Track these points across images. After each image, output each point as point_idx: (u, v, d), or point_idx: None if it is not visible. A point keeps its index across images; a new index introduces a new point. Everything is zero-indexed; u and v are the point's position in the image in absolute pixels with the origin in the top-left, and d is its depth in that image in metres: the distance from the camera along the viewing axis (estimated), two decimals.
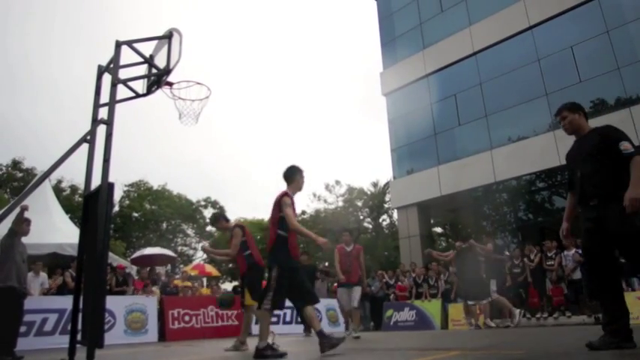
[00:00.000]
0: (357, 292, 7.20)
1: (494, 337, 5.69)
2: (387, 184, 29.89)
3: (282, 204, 4.10)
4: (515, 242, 13.84)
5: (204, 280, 17.05)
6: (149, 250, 15.02)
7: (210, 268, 17.99)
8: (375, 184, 34.04)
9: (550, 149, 12.89)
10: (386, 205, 32.61)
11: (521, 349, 3.81)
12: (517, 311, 8.26)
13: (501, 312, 9.26)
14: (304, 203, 36.05)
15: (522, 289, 9.88)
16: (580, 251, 9.31)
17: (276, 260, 4.03)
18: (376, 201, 33.12)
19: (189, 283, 11.64)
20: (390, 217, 32.38)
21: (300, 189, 4.36)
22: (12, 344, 5.36)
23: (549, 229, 13.08)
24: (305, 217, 35.57)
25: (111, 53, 4.09)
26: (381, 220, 33.86)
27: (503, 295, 8.64)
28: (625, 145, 3.11)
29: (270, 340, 4.25)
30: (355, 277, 7.22)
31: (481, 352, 3.79)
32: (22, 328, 6.26)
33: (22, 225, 5.49)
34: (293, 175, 4.31)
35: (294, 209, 4.17)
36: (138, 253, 15.00)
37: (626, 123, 11.64)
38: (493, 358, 2.91)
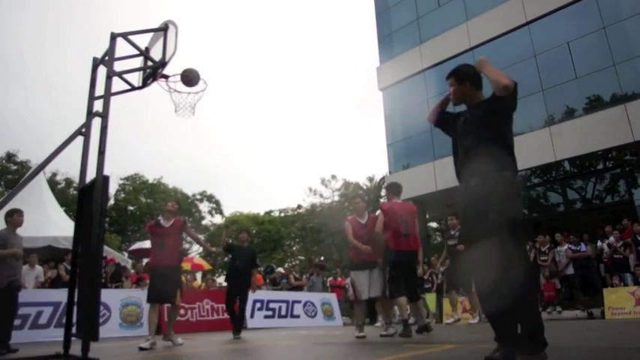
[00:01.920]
0: (377, 276, 5.59)
1: (487, 331, 5.72)
2: (382, 179, 29.95)
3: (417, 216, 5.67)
4: None
5: (198, 274, 16.99)
6: (149, 244, 14.95)
7: (201, 261, 17.90)
8: (370, 179, 34.12)
9: (545, 145, 12.94)
10: (382, 200, 32.66)
11: None
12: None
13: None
14: (300, 198, 36.10)
15: None
16: (572, 247, 9.42)
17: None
18: (372, 196, 33.17)
19: (182, 278, 11.61)
20: None
21: None
22: (7, 337, 5.36)
23: (544, 225, 13.16)
24: (301, 211, 35.63)
25: (106, 46, 4.05)
26: (377, 214, 33.96)
27: None
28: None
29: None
30: (375, 255, 5.56)
31: (475, 346, 3.83)
32: (17, 321, 6.24)
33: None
34: (401, 191, 5.77)
35: None
36: (136, 246, 14.94)
37: (621, 119, 11.71)
38: (487, 352, 2.93)
